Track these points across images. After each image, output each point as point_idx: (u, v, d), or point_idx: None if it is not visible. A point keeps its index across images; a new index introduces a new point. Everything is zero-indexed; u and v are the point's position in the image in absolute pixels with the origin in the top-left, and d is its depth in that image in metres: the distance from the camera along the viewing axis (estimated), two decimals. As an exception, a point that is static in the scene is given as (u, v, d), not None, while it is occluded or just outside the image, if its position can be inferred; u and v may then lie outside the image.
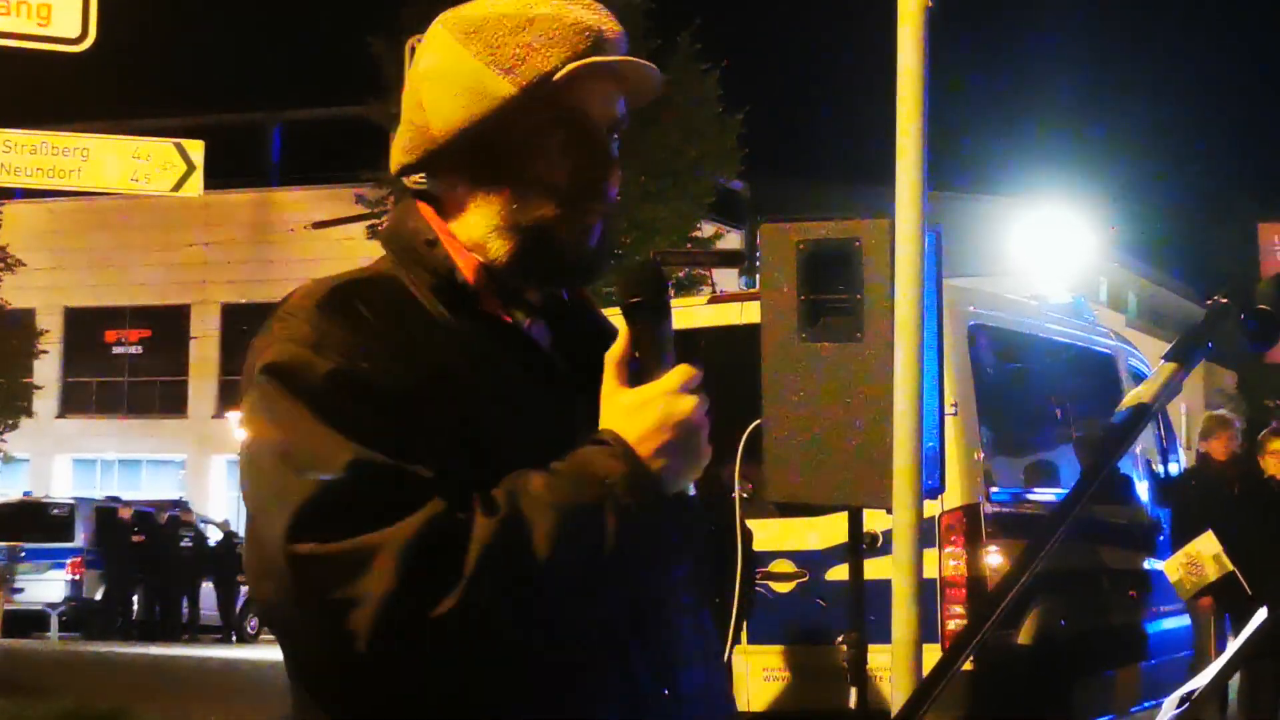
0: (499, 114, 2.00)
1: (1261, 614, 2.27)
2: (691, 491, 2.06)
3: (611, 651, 1.97)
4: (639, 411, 1.94)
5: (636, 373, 1.99)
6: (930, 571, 7.84)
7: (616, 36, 2.05)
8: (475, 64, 2.01)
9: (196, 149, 9.61)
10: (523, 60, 2.00)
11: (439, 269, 2.03)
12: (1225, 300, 1.91)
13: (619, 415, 1.95)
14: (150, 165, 9.54)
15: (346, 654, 1.79)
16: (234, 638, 28.01)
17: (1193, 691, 2.24)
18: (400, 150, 2.09)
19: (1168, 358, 1.88)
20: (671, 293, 2.08)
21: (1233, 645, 2.38)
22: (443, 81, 2.03)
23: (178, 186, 9.54)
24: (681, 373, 1.97)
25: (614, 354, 1.99)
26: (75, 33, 8.45)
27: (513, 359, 2.03)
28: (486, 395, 1.97)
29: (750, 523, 7.98)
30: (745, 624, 7.95)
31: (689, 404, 1.95)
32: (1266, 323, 1.89)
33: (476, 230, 2.05)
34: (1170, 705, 2.29)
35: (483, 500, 1.83)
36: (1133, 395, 1.84)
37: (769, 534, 8.44)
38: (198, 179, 9.59)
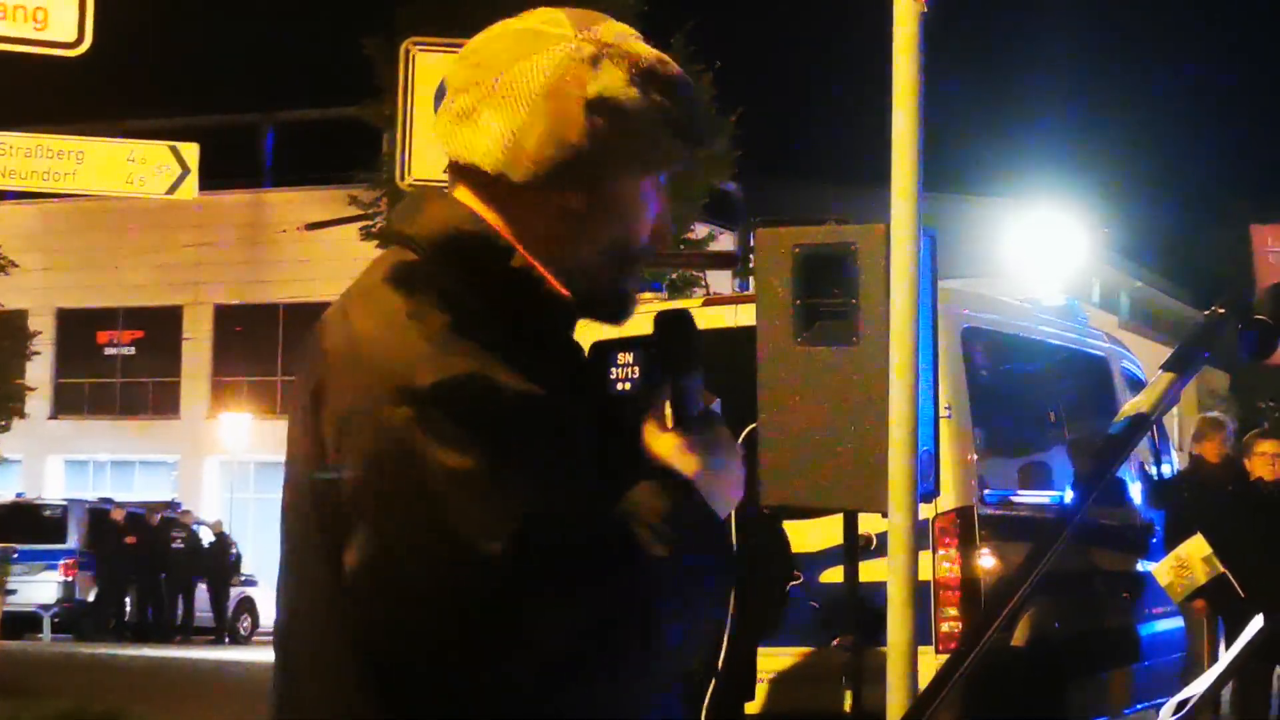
0: (654, 171, 2.10)
1: (1258, 621, 2.29)
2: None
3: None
4: (695, 451, 2.06)
5: (676, 417, 2.09)
6: (924, 574, 7.85)
7: None
8: (662, 125, 2.05)
9: (191, 152, 9.59)
10: (694, 139, 2.08)
11: (515, 280, 2.02)
12: (1223, 311, 1.92)
13: (674, 453, 2.05)
14: (145, 168, 9.52)
15: (552, 679, 1.85)
16: (226, 639, 28.02)
17: (1190, 698, 2.25)
18: (537, 163, 2.00)
19: (1165, 367, 1.89)
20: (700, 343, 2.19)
21: (1230, 651, 2.39)
22: (629, 126, 2.02)
23: (172, 189, 9.52)
24: (719, 423, 2.13)
25: (658, 399, 2.10)
26: (72, 37, 8.43)
27: (570, 370, 2.09)
28: (578, 412, 2.03)
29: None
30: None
31: (735, 447, 2.12)
32: (1264, 333, 1.90)
33: (566, 250, 2.06)
34: (1168, 712, 2.31)
35: (638, 538, 1.92)
36: (1131, 405, 1.86)
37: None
38: (193, 182, 9.58)
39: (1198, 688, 2.27)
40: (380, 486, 1.86)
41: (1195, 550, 9.58)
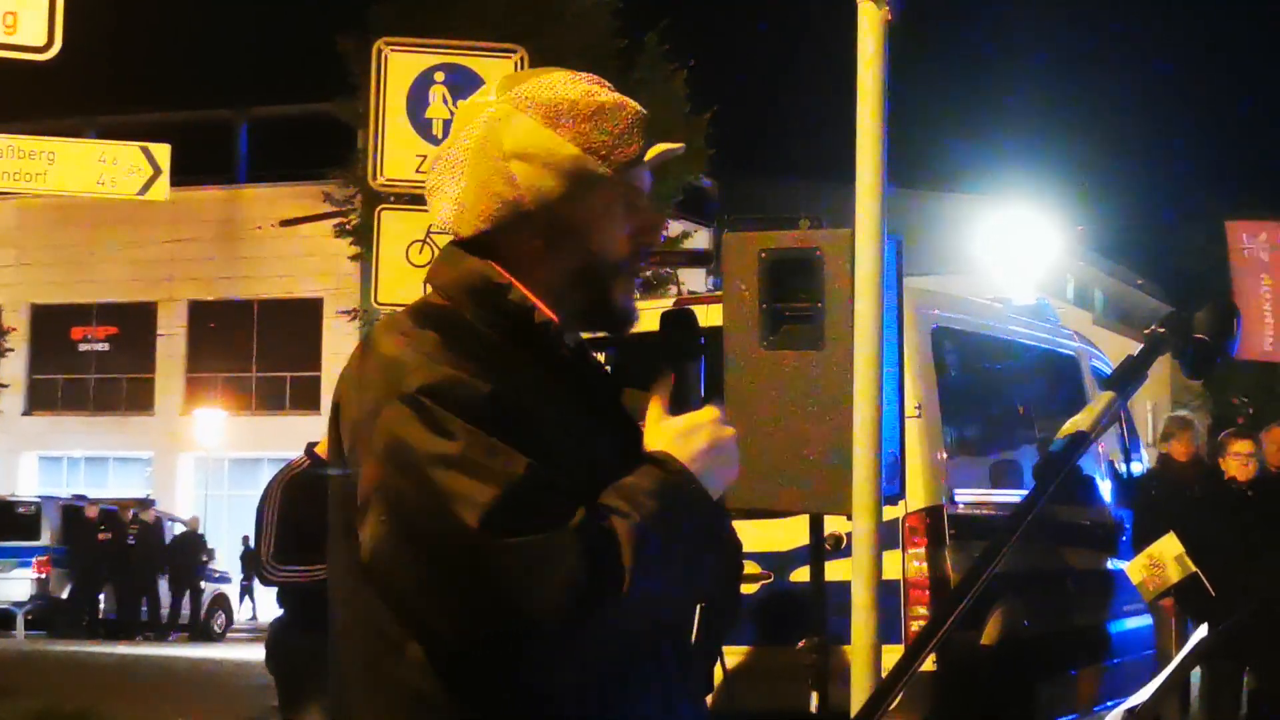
0: (593, 194, 2.35)
1: (1201, 630, 2.33)
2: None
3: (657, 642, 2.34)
4: (690, 436, 2.31)
5: (677, 404, 2.36)
6: (894, 573, 7.89)
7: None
8: (574, 151, 2.34)
9: (163, 153, 9.55)
10: (613, 149, 2.36)
11: (513, 311, 2.34)
12: (1163, 330, 1.96)
13: (670, 439, 2.31)
14: (116, 169, 9.48)
15: (527, 632, 2.10)
16: (200, 636, 27.98)
17: (1135, 707, 2.29)
18: (477, 217, 2.36)
19: (1106, 386, 1.93)
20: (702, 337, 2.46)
21: (1174, 659, 2.43)
22: (544, 165, 2.33)
23: (144, 190, 9.48)
24: (716, 408, 2.36)
25: (661, 388, 2.36)
26: (41, 40, 8.41)
27: (570, 388, 2.37)
28: (558, 417, 2.29)
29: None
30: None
31: (729, 432, 2.35)
32: (1202, 352, 1.94)
33: (551, 284, 2.36)
34: (1116, 717, 2.34)
35: (609, 509, 2.18)
36: (1070, 423, 1.89)
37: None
38: (164, 183, 9.54)
39: (1142, 696, 2.31)
40: (384, 475, 2.19)
41: (1167, 549, 9.61)
